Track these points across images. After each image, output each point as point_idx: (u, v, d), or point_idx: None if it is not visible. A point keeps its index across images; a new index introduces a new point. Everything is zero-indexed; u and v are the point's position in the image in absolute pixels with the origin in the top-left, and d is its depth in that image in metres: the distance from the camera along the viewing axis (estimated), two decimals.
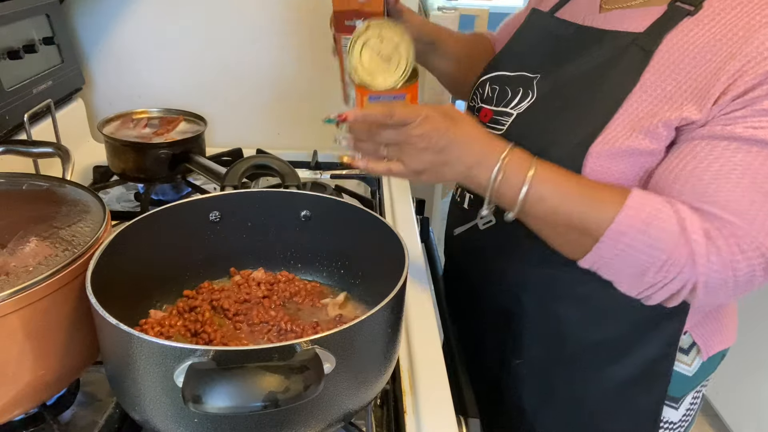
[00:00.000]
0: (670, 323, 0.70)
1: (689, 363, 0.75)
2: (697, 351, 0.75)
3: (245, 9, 1.24)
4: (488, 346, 0.83)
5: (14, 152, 0.86)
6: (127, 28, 1.25)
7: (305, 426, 0.49)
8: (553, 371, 0.77)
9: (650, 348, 0.71)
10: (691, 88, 0.60)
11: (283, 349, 0.44)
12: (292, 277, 0.71)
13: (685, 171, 0.60)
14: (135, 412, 0.51)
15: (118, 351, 0.48)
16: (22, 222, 0.58)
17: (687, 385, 0.77)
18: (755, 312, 1.64)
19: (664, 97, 0.61)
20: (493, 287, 0.79)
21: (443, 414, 0.61)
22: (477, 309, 0.84)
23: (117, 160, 1.05)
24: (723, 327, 0.76)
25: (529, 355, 0.77)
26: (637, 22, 0.65)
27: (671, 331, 0.71)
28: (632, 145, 0.62)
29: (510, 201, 0.63)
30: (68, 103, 1.21)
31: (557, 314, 0.73)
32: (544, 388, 0.78)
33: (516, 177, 0.61)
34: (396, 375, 0.66)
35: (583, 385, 0.76)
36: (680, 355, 0.74)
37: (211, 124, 1.14)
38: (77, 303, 0.54)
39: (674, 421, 0.78)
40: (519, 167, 0.62)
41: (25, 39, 1.03)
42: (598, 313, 0.71)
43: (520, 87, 0.72)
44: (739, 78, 0.57)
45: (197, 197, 0.69)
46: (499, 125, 0.73)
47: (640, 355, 0.72)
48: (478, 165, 0.62)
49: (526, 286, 0.75)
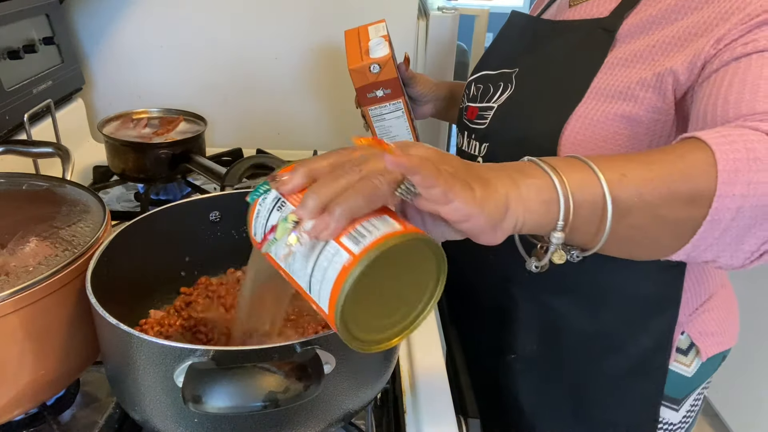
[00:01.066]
0: (663, 315, 0.71)
1: (688, 364, 0.75)
2: (696, 352, 0.75)
3: (245, 9, 1.24)
4: (484, 343, 0.83)
5: (14, 152, 0.86)
6: (127, 28, 1.25)
7: (305, 426, 0.49)
8: (549, 365, 0.77)
9: (644, 340, 0.72)
10: (668, 40, 0.60)
11: (283, 349, 0.44)
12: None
13: (731, 95, 0.51)
14: (135, 412, 0.51)
15: (118, 351, 0.48)
16: (22, 222, 0.58)
17: (687, 386, 0.77)
18: (755, 312, 1.64)
19: (634, 60, 0.62)
20: (486, 283, 0.80)
21: (443, 414, 0.61)
22: (472, 305, 0.85)
23: (117, 160, 1.05)
24: (722, 329, 0.76)
25: (523, 350, 0.78)
26: (602, 9, 0.69)
27: (665, 323, 0.72)
28: (609, 111, 0.62)
29: (589, 222, 0.45)
30: (68, 103, 1.21)
31: (548, 307, 0.74)
32: (541, 383, 0.79)
33: (588, 186, 0.44)
34: (396, 375, 0.66)
35: (579, 378, 0.76)
36: (679, 355, 0.75)
37: (211, 124, 1.14)
38: (77, 303, 0.54)
39: (674, 423, 0.78)
40: (574, 170, 0.45)
41: (25, 39, 1.03)
42: (589, 305, 0.72)
43: (501, 82, 0.75)
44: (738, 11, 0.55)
45: (197, 197, 0.69)
46: (483, 119, 0.75)
47: (634, 347, 0.73)
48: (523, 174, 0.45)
49: (516, 280, 0.75)
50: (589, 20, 0.69)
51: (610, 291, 0.64)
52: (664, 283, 0.71)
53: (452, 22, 1.31)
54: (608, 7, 0.68)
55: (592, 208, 0.44)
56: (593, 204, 0.44)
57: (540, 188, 0.43)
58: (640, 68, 0.62)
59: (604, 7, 0.69)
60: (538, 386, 0.79)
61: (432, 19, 1.31)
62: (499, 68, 0.77)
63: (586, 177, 0.44)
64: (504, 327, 0.78)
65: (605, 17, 0.67)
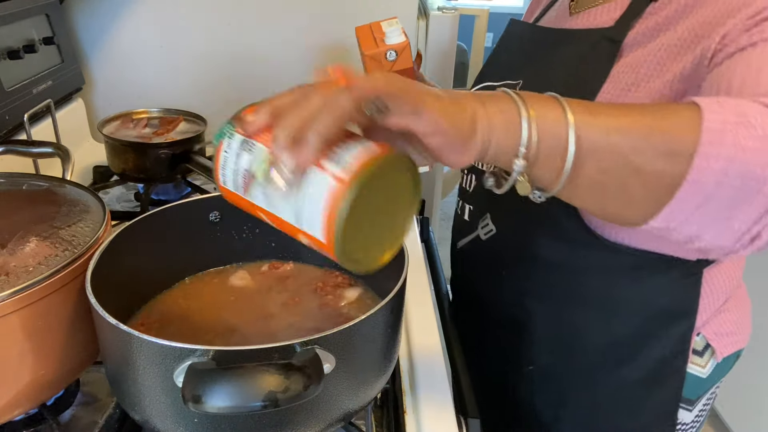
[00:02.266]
0: (680, 323, 0.70)
1: (703, 365, 0.74)
2: (712, 353, 0.74)
3: (245, 9, 1.24)
4: (499, 355, 0.82)
5: (14, 152, 0.86)
6: (127, 28, 1.25)
7: (305, 426, 0.49)
8: (567, 375, 0.76)
9: (662, 347, 0.71)
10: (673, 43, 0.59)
11: (283, 348, 0.44)
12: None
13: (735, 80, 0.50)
14: (135, 412, 0.51)
15: (118, 351, 0.48)
16: (22, 222, 0.58)
17: (701, 386, 0.76)
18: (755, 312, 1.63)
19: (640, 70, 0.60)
20: (498, 295, 0.79)
21: (443, 414, 0.61)
22: (485, 321, 0.83)
23: (117, 160, 1.05)
24: (738, 328, 0.76)
25: (539, 361, 0.77)
26: (606, 17, 0.67)
27: (682, 331, 0.70)
28: None
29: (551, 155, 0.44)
30: (68, 103, 1.21)
31: (564, 319, 0.73)
32: (560, 393, 0.77)
33: (552, 119, 0.44)
34: (396, 375, 0.66)
35: (598, 386, 0.75)
36: (694, 357, 0.73)
37: (211, 124, 1.14)
38: (77, 303, 0.54)
39: (687, 423, 0.78)
40: (543, 105, 0.44)
41: (25, 39, 1.03)
42: (606, 316, 0.71)
43: None
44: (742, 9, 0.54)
45: (197, 197, 0.69)
46: None
47: (652, 353, 0.71)
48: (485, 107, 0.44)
49: (529, 292, 0.74)
50: (593, 30, 0.67)
51: (627, 302, 0.63)
52: (681, 293, 0.69)
53: (452, 22, 1.31)
54: (612, 16, 0.66)
55: (555, 143, 0.43)
56: (556, 138, 0.43)
57: (504, 110, 0.44)
58: (647, 78, 0.60)
59: (608, 16, 0.67)
60: (556, 397, 0.78)
61: (432, 19, 1.31)
62: (502, 79, 0.75)
63: (553, 111, 0.44)
64: (520, 340, 0.77)
65: (610, 27, 0.65)
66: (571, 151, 0.43)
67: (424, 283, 0.83)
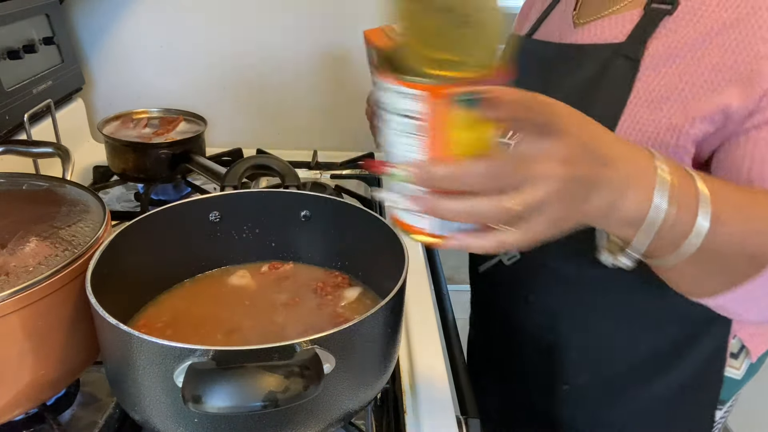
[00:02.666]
0: (717, 330, 0.69)
1: (738, 366, 0.74)
2: (746, 353, 0.73)
3: (245, 9, 1.24)
4: (532, 378, 0.80)
5: (14, 152, 0.86)
6: (127, 28, 1.25)
7: (305, 426, 0.49)
8: (605, 391, 0.75)
9: (700, 354, 0.70)
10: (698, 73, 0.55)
11: (283, 348, 0.44)
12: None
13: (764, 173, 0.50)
14: (135, 412, 0.51)
15: (118, 351, 0.48)
16: (22, 222, 0.58)
17: (735, 388, 0.76)
18: None
19: (662, 100, 0.57)
20: (527, 319, 0.77)
21: (443, 414, 0.61)
22: (513, 341, 0.82)
23: (117, 160, 1.05)
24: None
25: (575, 380, 0.75)
26: (616, 31, 0.62)
27: (720, 334, 0.69)
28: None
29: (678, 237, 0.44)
30: (68, 103, 1.21)
31: (601, 336, 0.71)
32: (596, 409, 0.76)
33: (687, 197, 0.43)
34: (396, 375, 0.66)
35: (635, 399, 0.74)
36: (731, 360, 0.73)
37: (211, 124, 1.14)
38: (77, 303, 0.54)
39: (716, 420, 0.77)
40: (683, 180, 0.43)
41: (25, 39, 1.03)
42: (641, 330, 0.69)
43: None
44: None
45: (197, 197, 0.69)
46: None
47: (691, 361, 0.70)
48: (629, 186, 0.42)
49: (560, 315, 0.73)
50: (605, 45, 0.62)
51: (663, 314, 0.62)
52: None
53: None
54: (622, 30, 0.61)
55: (675, 240, 0.44)
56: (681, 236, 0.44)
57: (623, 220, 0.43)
58: (669, 110, 0.56)
59: (617, 30, 0.62)
60: (593, 413, 0.77)
61: None
62: None
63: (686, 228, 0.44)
64: (553, 361, 0.75)
65: (623, 42, 0.60)
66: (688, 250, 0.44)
67: (424, 283, 0.83)
